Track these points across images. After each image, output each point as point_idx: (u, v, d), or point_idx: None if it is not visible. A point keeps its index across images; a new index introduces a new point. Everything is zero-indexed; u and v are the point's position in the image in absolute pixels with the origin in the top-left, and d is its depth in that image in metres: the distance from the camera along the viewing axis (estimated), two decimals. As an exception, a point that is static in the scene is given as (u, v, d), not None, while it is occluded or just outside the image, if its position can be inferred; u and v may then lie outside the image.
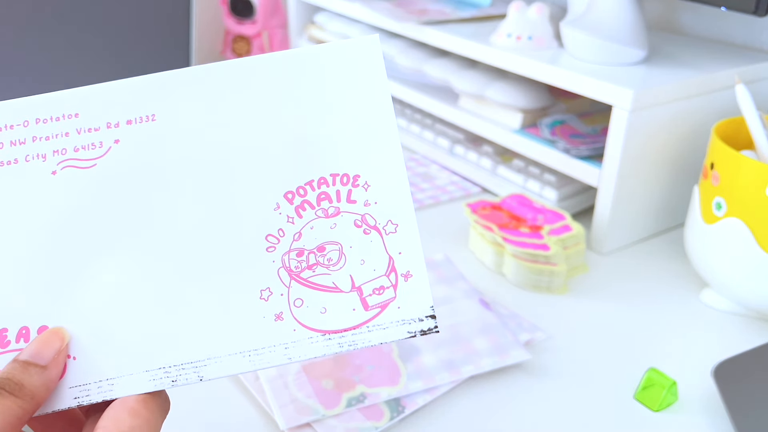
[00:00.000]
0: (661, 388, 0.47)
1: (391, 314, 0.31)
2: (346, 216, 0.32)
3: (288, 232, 0.32)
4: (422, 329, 0.31)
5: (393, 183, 0.32)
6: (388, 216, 0.32)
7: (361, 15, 0.91)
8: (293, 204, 0.32)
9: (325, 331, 0.31)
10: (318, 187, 0.32)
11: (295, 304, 0.31)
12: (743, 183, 0.52)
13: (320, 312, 0.31)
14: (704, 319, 0.58)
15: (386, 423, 0.45)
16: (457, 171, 0.81)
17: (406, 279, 0.31)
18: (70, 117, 0.34)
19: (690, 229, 0.59)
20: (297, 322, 0.31)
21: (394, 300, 0.31)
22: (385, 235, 0.32)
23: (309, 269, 0.31)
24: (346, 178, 0.32)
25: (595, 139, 0.71)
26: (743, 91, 0.56)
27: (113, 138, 0.33)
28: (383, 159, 0.32)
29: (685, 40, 0.78)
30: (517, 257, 0.60)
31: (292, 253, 0.32)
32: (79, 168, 0.33)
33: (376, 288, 0.31)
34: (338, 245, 0.32)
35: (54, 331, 0.31)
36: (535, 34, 0.72)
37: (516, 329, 0.53)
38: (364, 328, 0.31)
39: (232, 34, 1.11)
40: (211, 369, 0.31)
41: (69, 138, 0.33)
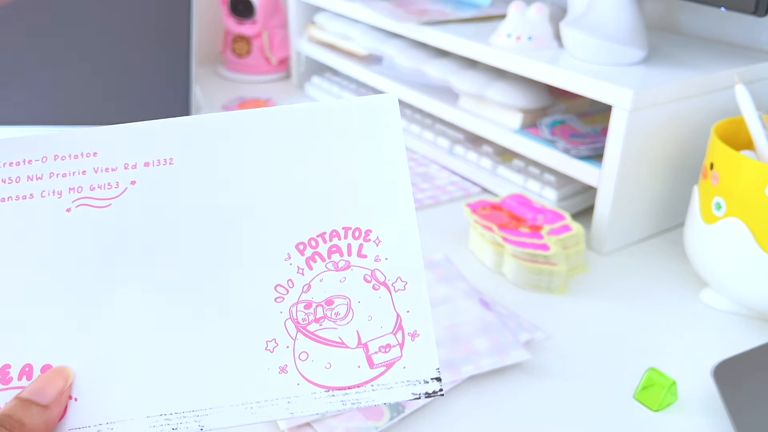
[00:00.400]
0: (660, 388, 0.47)
1: (396, 374, 0.30)
2: (356, 270, 0.32)
3: (297, 284, 0.32)
4: (427, 391, 0.30)
5: (404, 240, 0.32)
6: (398, 273, 0.32)
7: (361, 15, 0.91)
8: (304, 255, 0.32)
9: (328, 387, 0.30)
10: (330, 240, 0.32)
11: (300, 357, 0.31)
12: (743, 183, 0.52)
13: (325, 367, 0.31)
14: (704, 319, 0.58)
15: (386, 423, 0.45)
16: (457, 171, 0.81)
17: (413, 338, 0.31)
18: (88, 155, 0.34)
19: (690, 229, 0.59)
20: (301, 376, 0.31)
21: (400, 359, 0.31)
22: (394, 292, 0.32)
23: (316, 322, 0.31)
24: (358, 232, 0.32)
25: (594, 139, 0.71)
26: (743, 91, 0.56)
27: (130, 179, 0.33)
28: (396, 215, 0.32)
29: (685, 40, 0.78)
30: (517, 257, 0.60)
31: (300, 304, 0.31)
32: (93, 207, 0.33)
33: (382, 346, 0.31)
34: (347, 299, 0.31)
35: (58, 370, 0.31)
36: (535, 34, 0.72)
37: (516, 329, 0.53)
38: (368, 387, 0.30)
39: (232, 34, 1.11)
40: (213, 419, 0.30)
41: (86, 176, 0.33)
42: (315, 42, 1.04)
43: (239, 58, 1.12)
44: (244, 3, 1.07)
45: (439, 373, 0.31)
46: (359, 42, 0.94)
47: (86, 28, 0.85)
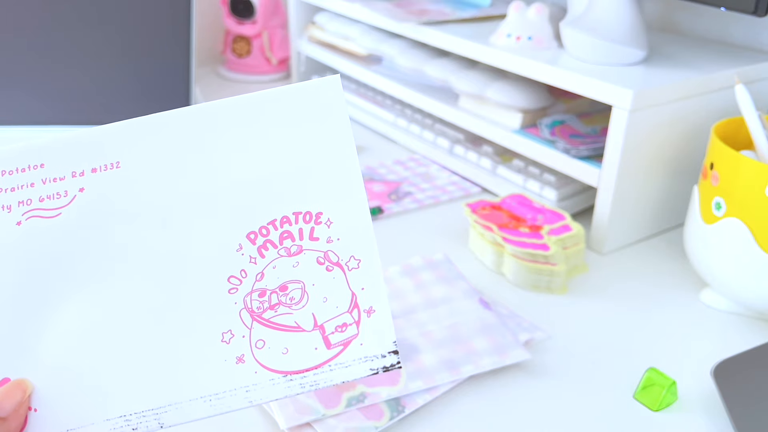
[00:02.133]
0: (660, 388, 0.47)
1: (354, 352, 0.31)
2: (308, 254, 0.32)
3: (250, 273, 0.32)
4: (385, 365, 0.31)
5: (355, 219, 0.32)
6: (351, 252, 0.32)
7: (361, 15, 0.91)
8: (256, 244, 0.32)
9: (286, 372, 0.31)
10: (281, 226, 0.32)
11: (256, 345, 0.31)
12: (743, 183, 0.52)
13: (282, 353, 0.31)
14: (704, 319, 0.58)
15: (386, 422, 0.45)
16: (457, 171, 0.81)
17: (368, 315, 0.31)
18: (35, 167, 0.33)
19: (689, 229, 0.59)
20: (258, 364, 0.31)
21: (357, 337, 0.31)
22: (348, 271, 0.32)
23: (271, 309, 0.31)
24: (309, 215, 0.32)
25: (594, 139, 0.71)
26: (743, 91, 0.56)
27: (78, 186, 0.33)
28: (345, 196, 0.32)
29: (685, 40, 0.78)
30: (517, 257, 0.60)
31: (254, 293, 0.32)
32: (43, 218, 0.33)
33: (338, 325, 0.31)
34: (301, 284, 0.32)
35: (16, 382, 0.31)
36: (535, 34, 0.72)
37: (516, 329, 0.53)
38: (326, 368, 0.31)
39: (233, 34, 1.11)
40: (172, 415, 0.31)
41: (34, 188, 0.33)
42: (315, 42, 1.04)
43: (239, 58, 1.12)
44: (244, 3, 1.07)
45: (396, 346, 0.31)
46: (359, 42, 0.94)
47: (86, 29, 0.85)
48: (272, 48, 1.11)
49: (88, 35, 0.85)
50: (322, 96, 0.33)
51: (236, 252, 0.32)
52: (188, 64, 0.89)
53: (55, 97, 0.82)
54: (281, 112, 0.33)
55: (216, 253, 0.32)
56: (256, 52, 1.11)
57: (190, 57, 0.88)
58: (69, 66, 0.84)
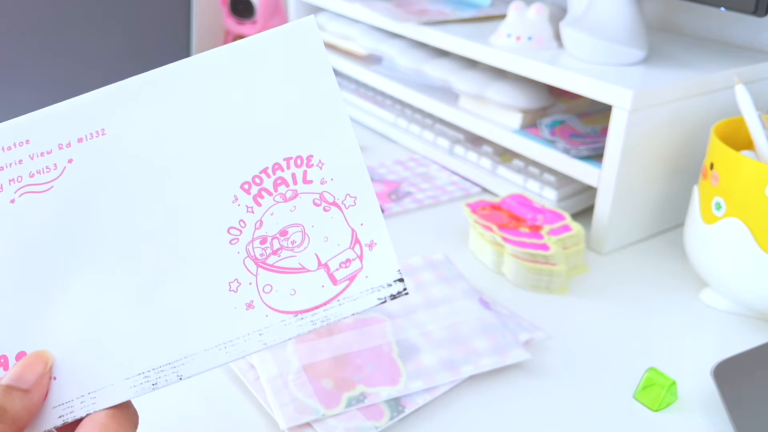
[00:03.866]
0: (660, 388, 0.47)
1: (360, 284, 0.31)
2: (304, 197, 0.32)
3: (249, 222, 0.32)
4: (392, 294, 0.31)
5: (346, 157, 0.33)
6: (346, 190, 0.32)
7: (361, 15, 0.91)
8: (251, 194, 0.33)
9: (296, 311, 0.31)
10: (273, 173, 0.33)
11: (264, 290, 0.32)
12: (743, 183, 0.52)
13: (290, 294, 0.31)
14: (704, 319, 0.58)
15: (386, 423, 0.45)
16: (457, 171, 0.81)
17: (370, 248, 0.32)
18: (21, 144, 0.34)
19: (689, 229, 0.59)
20: (268, 308, 0.31)
21: (362, 270, 0.31)
22: (345, 209, 0.32)
23: (274, 254, 0.32)
24: (300, 160, 0.33)
25: (594, 139, 0.71)
26: (743, 91, 0.56)
27: (66, 158, 0.33)
28: (334, 135, 0.33)
29: (685, 40, 0.78)
30: (517, 257, 0.60)
31: (255, 241, 0.32)
32: (36, 193, 0.33)
33: (342, 262, 0.32)
34: (300, 227, 0.32)
35: (37, 354, 0.31)
36: (535, 34, 0.72)
37: (516, 329, 0.53)
38: (335, 303, 0.31)
39: (232, 34, 1.11)
40: (189, 367, 0.31)
41: (23, 165, 0.33)
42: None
43: (239, 58, 1.12)
44: (244, 3, 1.07)
45: (401, 274, 0.31)
46: (359, 42, 0.94)
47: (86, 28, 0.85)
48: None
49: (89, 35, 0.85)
50: (298, 38, 0.34)
51: (232, 203, 0.32)
52: (188, 64, 0.89)
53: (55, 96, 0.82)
54: (259, 59, 0.33)
55: (212, 206, 0.32)
56: (256, 52, 1.11)
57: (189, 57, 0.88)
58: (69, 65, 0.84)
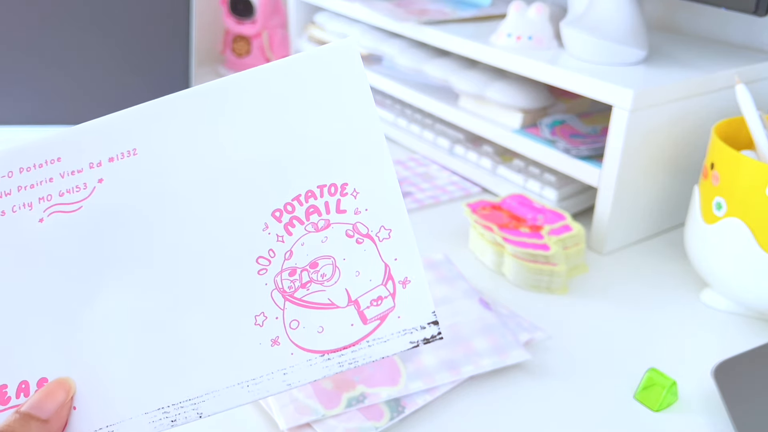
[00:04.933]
0: (661, 388, 0.47)
1: (392, 325, 0.29)
2: (336, 227, 0.31)
3: (278, 252, 0.31)
4: (425, 337, 0.29)
5: (382, 187, 0.31)
6: (381, 222, 0.31)
7: (361, 15, 0.91)
8: (282, 222, 0.31)
9: (323, 351, 0.30)
10: (306, 201, 0.31)
11: (290, 326, 0.30)
12: (743, 183, 0.52)
13: (317, 331, 0.30)
14: (704, 319, 0.58)
15: (386, 423, 0.45)
16: (457, 171, 0.81)
17: (404, 286, 0.30)
18: (52, 162, 0.33)
19: (690, 229, 0.59)
20: (294, 345, 0.30)
21: (394, 310, 0.30)
22: (379, 242, 0.30)
23: (303, 288, 0.30)
24: (334, 188, 0.31)
25: (595, 139, 0.71)
26: (743, 91, 0.56)
27: (97, 177, 0.32)
28: (370, 164, 0.31)
29: (685, 40, 0.78)
30: (517, 257, 0.60)
31: (284, 273, 0.31)
32: (65, 213, 0.32)
33: (373, 299, 0.30)
34: (331, 259, 0.31)
35: (59, 381, 0.30)
36: (535, 34, 0.72)
37: (516, 329, 0.53)
38: (364, 344, 0.29)
39: (232, 34, 1.11)
40: (210, 405, 0.30)
41: (53, 183, 0.33)
42: (315, 42, 1.04)
43: (239, 58, 1.12)
44: (244, 3, 1.07)
45: (436, 316, 0.29)
46: (359, 42, 0.93)
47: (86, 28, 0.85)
48: (272, 48, 1.11)
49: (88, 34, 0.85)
50: (338, 61, 0.32)
51: (262, 232, 0.31)
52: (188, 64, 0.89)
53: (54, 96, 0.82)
54: (296, 81, 0.32)
55: (242, 234, 0.31)
56: (255, 52, 1.11)
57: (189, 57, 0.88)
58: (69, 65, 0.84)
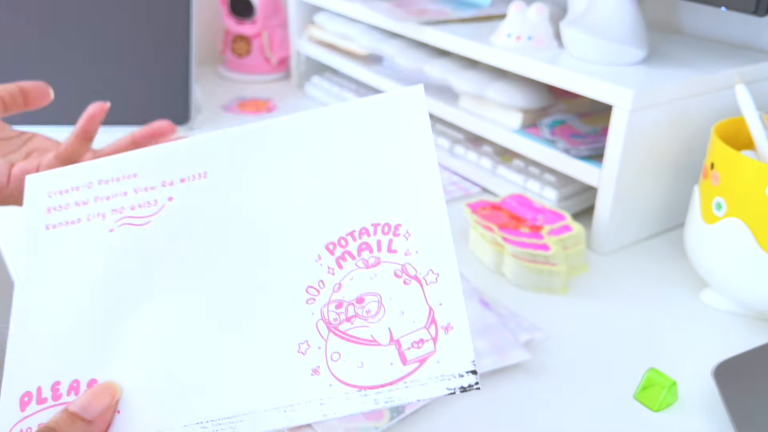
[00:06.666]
0: (660, 388, 0.47)
1: (430, 369, 0.29)
2: (386, 266, 0.31)
3: (328, 284, 0.31)
4: (462, 386, 0.29)
5: (435, 231, 0.31)
6: (429, 265, 0.31)
7: (361, 15, 0.91)
8: (334, 255, 0.32)
9: (361, 386, 0.30)
10: (359, 237, 0.32)
11: (332, 357, 0.30)
12: (743, 183, 0.52)
13: (357, 366, 0.30)
14: (704, 319, 0.58)
15: (386, 423, 0.45)
16: (457, 171, 0.81)
17: (446, 331, 0.30)
18: (128, 177, 0.35)
19: (690, 229, 0.59)
20: (333, 377, 0.30)
21: (434, 354, 0.30)
22: (426, 285, 0.31)
23: (348, 321, 0.31)
24: (388, 227, 0.32)
25: (595, 139, 0.71)
26: (743, 91, 0.56)
27: (167, 196, 0.35)
28: (425, 208, 0.32)
29: (685, 40, 0.78)
30: (517, 257, 0.60)
31: (331, 305, 0.31)
32: (134, 225, 0.34)
33: (415, 341, 0.30)
34: (377, 296, 0.31)
35: (106, 385, 0.31)
36: (535, 34, 0.72)
37: (516, 329, 0.53)
38: (401, 384, 0.29)
39: (232, 34, 1.11)
40: (246, 425, 0.30)
41: (127, 197, 0.35)
42: (315, 42, 1.04)
43: (239, 58, 1.12)
44: (244, 3, 1.07)
45: (475, 366, 0.29)
46: (359, 42, 0.93)
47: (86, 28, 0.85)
48: (272, 48, 1.11)
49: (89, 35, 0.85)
50: (404, 107, 0.33)
51: (315, 262, 0.32)
52: (188, 64, 0.89)
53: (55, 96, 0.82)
54: (363, 123, 0.33)
55: (295, 262, 0.32)
56: (255, 52, 1.11)
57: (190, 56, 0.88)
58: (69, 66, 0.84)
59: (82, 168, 0.36)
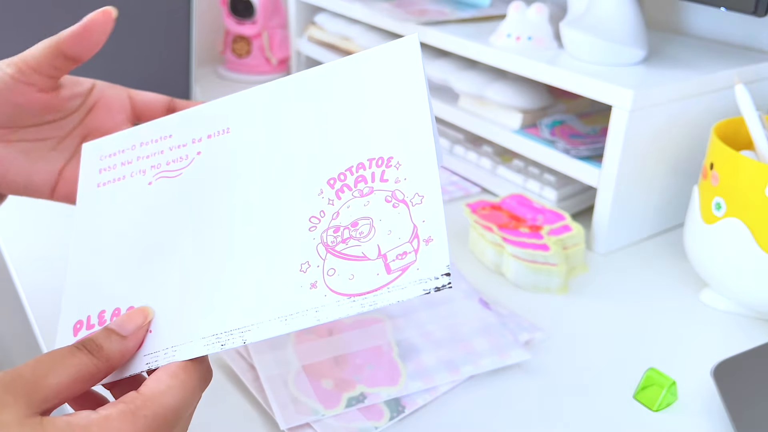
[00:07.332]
0: (660, 388, 0.47)
1: (411, 276, 0.33)
2: (378, 194, 0.35)
3: (328, 213, 0.36)
4: (437, 286, 0.32)
5: (422, 160, 0.35)
6: (416, 189, 0.34)
7: (361, 15, 0.91)
8: (334, 188, 0.36)
9: (351, 294, 0.33)
10: (356, 171, 0.36)
11: (328, 273, 0.34)
12: (743, 183, 0.52)
13: (349, 279, 0.34)
14: (704, 319, 0.58)
15: (386, 423, 0.45)
16: (457, 171, 0.81)
17: (427, 243, 0.33)
18: (165, 138, 0.41)
19: (689, 229, 0.59)
20: (328, 289, 0.34)
21: (414, 263, 0.33)
22: (412, 207, 0.34)
23: (343, 243, 0.35)
24: (381, 160, 0.36)
25: (594, 139, 0.71)
26: (743, 91, 0.56)
27: (196, 150, 0.40)
28: (415, 141, 0.35)
29: (685, 40, 0.78)
30: (517, 257, 0.60)
31: (329, 230, 0.35)
32: (168, 178, 0.40)
33: (399, 254, 0.33)
34: (369, 220, 0.35)
35: (141, 309, 0.37)
36: (535, 34, 0.72)
37: (516, 329, 0.53)
38: (385, 290, 0.33)
39: (232, 34, 1.11)
40: (254, 333, 0.34)
41: (163, 155, 0.41)
42: (315, 42, 1.04)
43: (239, 59, 1.12)
44: (244, 3, 1.07)
45: (449, 269, 0.32)
46: (359, 42, 0.94)
47: (86, 29, 0.84)
48: (272, 48, 1.11)
49: (88, 35, 0.85)
50: (400, 54, 0.37)
51: (318, 196, 0.36)
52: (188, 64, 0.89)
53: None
54: (362, 71, 0.37)
55: (301, 197, 0.36)
56: (256, 52, 1.11)
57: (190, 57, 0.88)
58: (69, 66, 0.84)
59: (128, 133, 0.42)
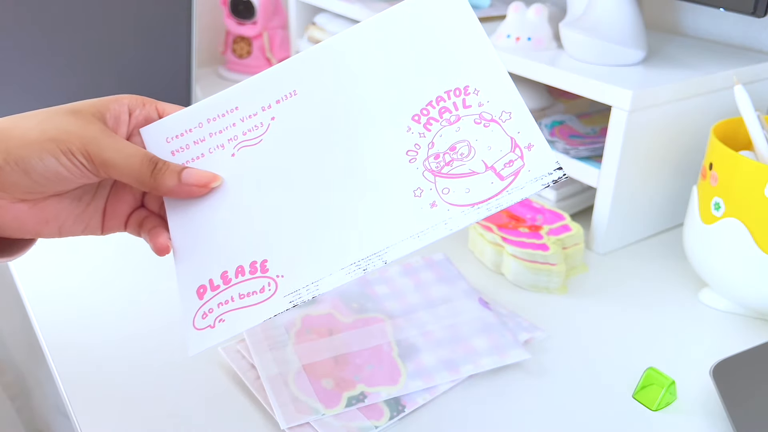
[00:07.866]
0: (659, 388, 0.47)
1: (524, 177, 0.36)
2: (465, 119, 0.38)
3: (422, 145, 0.39)
4: (553, 179, 0.35)
5: (497, 82, 0.38)
6: (501, 107, 0.38)
7: (362, 16, 0.91)
8: (421, 123, 0.39)
9: (472, 204, 0.36)
10: (437, 104, 0.39)
11: (443, 192, 0.37)
12: (742, 183, 0.53)
13: (465, 192, 0.37)
14: (703, 318, 0.58)
15: (386, 422, 0.45)
16: (456, 171, 0.81)
17: (529, 149, 0.36)
18: (232, 111, 0.42)
19: (689, 229, 0.59)
20: (449, 204, 0.37)
21: (524, 167, 0.36)
22: (503, 123, 0.37)
23: (447, 165, 0.38)
24: (458, 90, 0.39)
25: (594, 139, 0.71)
26: (742, 91, 0.56)
27: (270, 117, 0.42)
28: (484, 66, 0.39)
29: (685, 40, 0.78)
30: (517, 257, 0.60)
31: (430, 158, 0.38)
32: (250, 146, 0.42)
33: (506, 162, 0.37)
34: (466, 141, 0.38)
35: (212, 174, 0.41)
36: (535, 35, 0.73)
37: (515, 329, 0.53)
38: (505, 193, 0.36)
39: (233, 35, 1.11)
40: (392, 253, 0.37)
41: (236, 127, 0.42)
42: (315, 43, 1.04)
43: (240, 59, 1.12)
44: (245, 4, 1.08)
45: (559, 164, 0.36)
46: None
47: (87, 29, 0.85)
48: (272, 49, 1.11)
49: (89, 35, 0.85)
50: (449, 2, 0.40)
51: (407, 132, 0.39)
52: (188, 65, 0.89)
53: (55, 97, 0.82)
54: (417, 16, 0.40)
55: (391, 137, 0.39)
56: (256, 53, 1.11)
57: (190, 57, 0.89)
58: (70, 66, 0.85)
59: (189, 113, 0.43)
